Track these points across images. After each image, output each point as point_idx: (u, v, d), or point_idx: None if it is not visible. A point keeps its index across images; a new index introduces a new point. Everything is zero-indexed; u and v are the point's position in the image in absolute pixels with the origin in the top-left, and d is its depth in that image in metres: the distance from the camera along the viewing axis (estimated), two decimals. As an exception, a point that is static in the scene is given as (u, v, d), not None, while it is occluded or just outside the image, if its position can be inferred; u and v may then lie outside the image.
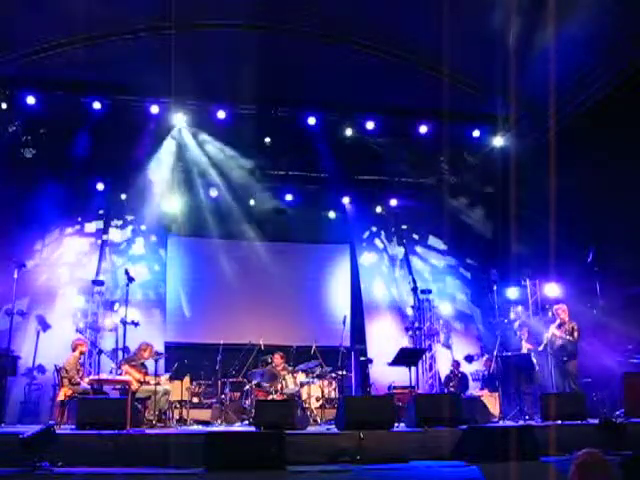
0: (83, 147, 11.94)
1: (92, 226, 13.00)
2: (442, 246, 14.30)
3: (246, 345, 11.56)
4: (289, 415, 7.75)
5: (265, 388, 10.53)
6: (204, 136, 12.67)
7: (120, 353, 10.42)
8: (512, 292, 12.59)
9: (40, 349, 10.63)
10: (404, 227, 14.48)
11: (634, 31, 9.35)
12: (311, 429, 8.44)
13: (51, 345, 10.77)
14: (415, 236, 14.45)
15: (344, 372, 11.19)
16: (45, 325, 10.66)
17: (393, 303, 13.93)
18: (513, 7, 9.17)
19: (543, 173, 10.24)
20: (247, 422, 9.85)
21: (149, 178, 12.80)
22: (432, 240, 14.37)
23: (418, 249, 14.39)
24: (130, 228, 13.33)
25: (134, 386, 9.06)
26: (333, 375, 11.02)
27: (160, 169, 12.79)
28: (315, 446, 6.90)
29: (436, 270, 14.14)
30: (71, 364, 9.25)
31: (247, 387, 10.74)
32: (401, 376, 10.58)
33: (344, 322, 11.32)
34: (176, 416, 10.14)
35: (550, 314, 10.37)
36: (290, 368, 10.93)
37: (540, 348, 10.15)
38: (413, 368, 9.83)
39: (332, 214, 14.37)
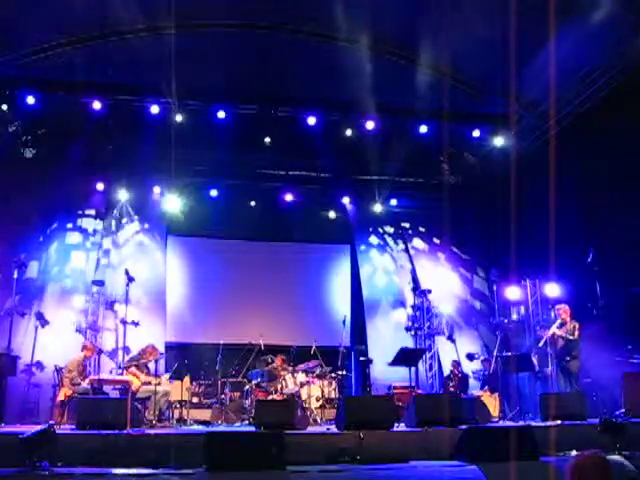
0: (83, 147, 11.93)
1: (92, 226, 12.98)
2: (442, 246, 14.29)
3: (246, 345, 11.56)
4: (289, 415, 7.75)
5: (265, 388, 10.53)
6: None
7: (120, 353, 10.41)
8: (512, 292, 12.59)
9: (39, 346, 10.62)
10: (404, 227, 14.48)
11: (635, 30, 9.35)
12: (311, 429, 8.42)
13: (50, 342, 10.79)
14: (415, 236, 14.44)
15: (344, 372, 11.20)
16: (44, 321, 10.64)
17: (393, 303, 13.91)
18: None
19: (543, 173, 10.23)
20: (247, 422, 9.86)
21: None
22: (432, 240, 14.36)
23: (418, 249, 14.38)
24: (130, 228, 13.31)
25: (134, 386, 9.07)
26: (333, 375, 11.02)
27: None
28: (315, 446, 6.88)
29: (436, 270, 14.12)
30: (74, 364, 9.26)
31: (247, 387, 10.74)
32: (401, 376, 10.59)
33: (344, 322, 11.33)
34: (176, 416, 10.14)
35: (553, 315, 10.37)
36: (290, 368, 10.93)
37: (540, 344, 10.13)
38: (413, 368, 9.83)
39: (332, 214, 14.36)
